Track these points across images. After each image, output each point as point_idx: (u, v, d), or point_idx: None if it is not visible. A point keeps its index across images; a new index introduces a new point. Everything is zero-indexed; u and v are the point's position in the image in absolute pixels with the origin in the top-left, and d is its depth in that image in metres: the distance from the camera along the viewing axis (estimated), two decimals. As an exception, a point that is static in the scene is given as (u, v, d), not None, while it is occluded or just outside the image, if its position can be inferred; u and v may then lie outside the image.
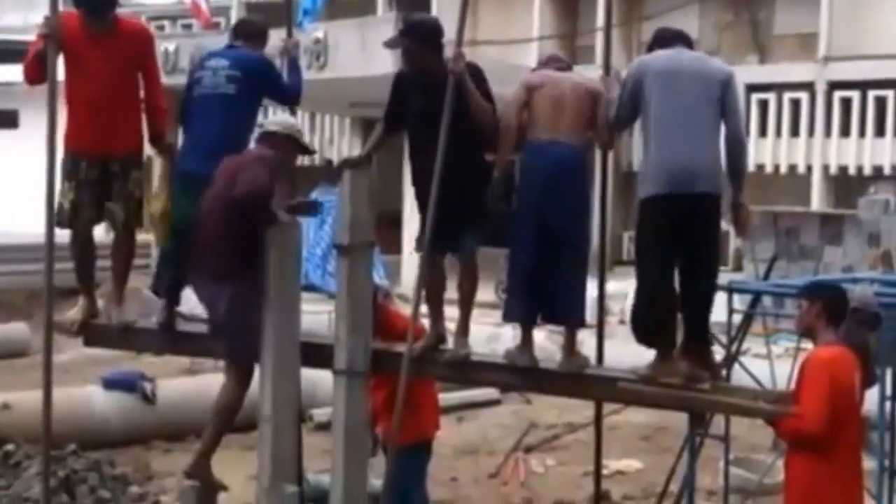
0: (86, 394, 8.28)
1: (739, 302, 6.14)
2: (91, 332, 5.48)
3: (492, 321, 5.42)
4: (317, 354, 5.02)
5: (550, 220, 4.77)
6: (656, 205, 4.65)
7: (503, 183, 4.89)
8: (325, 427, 5.93)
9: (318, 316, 5.49)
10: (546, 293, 4.81)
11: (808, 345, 4.76)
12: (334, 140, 22.88)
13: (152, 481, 7.46)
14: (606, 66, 5.40)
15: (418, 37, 5.00)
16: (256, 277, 4.83)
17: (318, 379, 6.04)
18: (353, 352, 4.85)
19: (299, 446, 5.23)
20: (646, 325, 4.69)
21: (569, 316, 4.87)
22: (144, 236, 5.67)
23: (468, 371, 5.06)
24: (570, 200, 4.81)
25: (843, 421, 4.28)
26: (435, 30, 5.04)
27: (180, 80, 5.99)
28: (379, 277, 15.30)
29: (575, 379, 4.87)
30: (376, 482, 5.96)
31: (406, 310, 5.70)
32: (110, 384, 8.33)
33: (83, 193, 5.20)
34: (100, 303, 5.58)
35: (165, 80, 5.81)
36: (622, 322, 13.41)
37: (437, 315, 5.06)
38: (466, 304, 5.00)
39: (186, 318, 5.46)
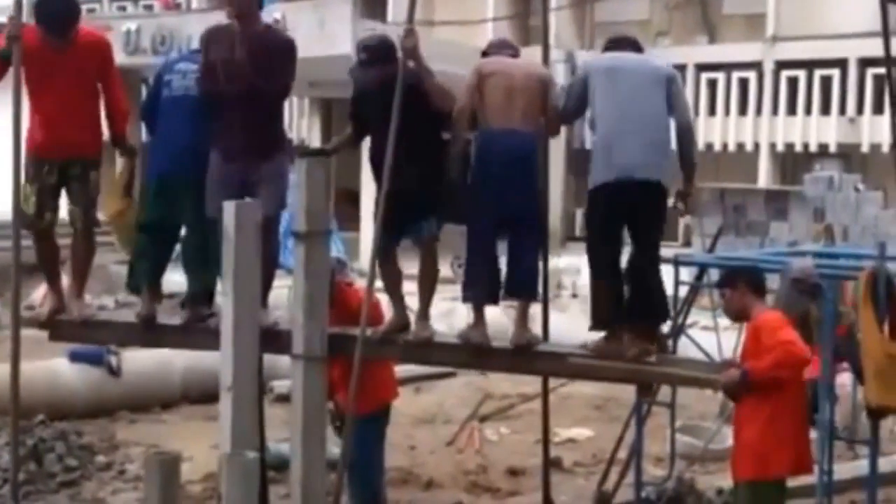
0: (53, 366, 8.31)
1: (687, 276, 6.33)
2: (56, 327, 5.58)
3: (448, 296, 5.53)
4: (274, 340, 5.12)
5: (506, 208, 4.96)
6: (604, 193, 4.87)
7: (458, 162, 5.04)
8: (285, 398, 6.03)
9: (278, 291, 5.65)
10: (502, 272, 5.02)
11: None
12: (294, 120, 22.80)
13: (118, 451, 7.50)
14: (546, 55, 5.62)
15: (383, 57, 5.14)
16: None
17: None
18: (310, 337, 4.94)
19: (261, 415, 5.32)
20: (597, 308, 4.93)
21: (521, 289, 5.05)
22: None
23: (423, 352, 5.19)
24: (525, 187, 4.99)
25: (791, 378, 4.49)
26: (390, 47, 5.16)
27: (141, 60, 6.04)
28: (337, 251, 15.37)
29: (528, 355, 5.04)
30: (335, 449, 6.08)
31: (362, 283, 5.75)
32: (76, 357, 8.35)
33: (45, 196, 5.34)
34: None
35: (127, 60, 5.88)
36: (574, 296, 13.66)
37: (397, 301, 5.18)
38: (427, 288, 5.11)
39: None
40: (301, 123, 22.77)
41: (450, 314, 8.68)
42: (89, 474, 6.99)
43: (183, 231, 5.43)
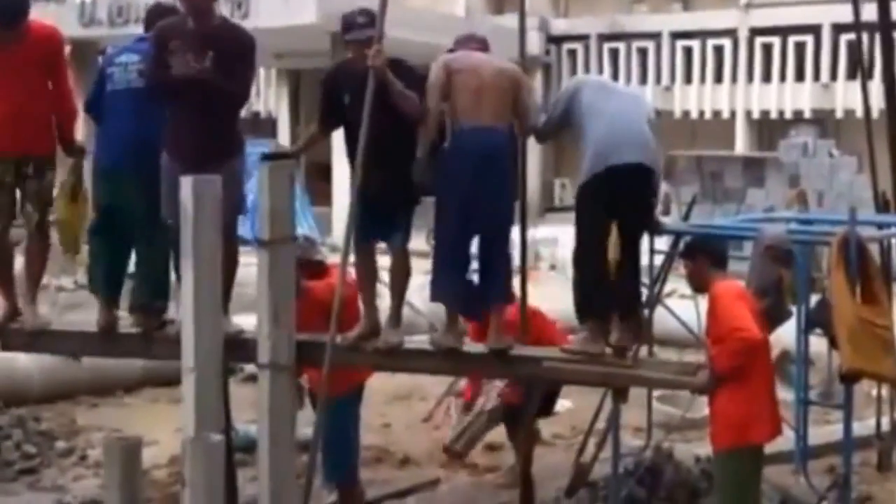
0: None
1: (664, 244, 6.23)
2: (8, 336, 5.42)
3: (422, 269, 5.49)
4: (240, 349, 5.01)
5: (477, 208, 4.86)
6: (598, 181, 4.80)
7: (426, 163, 4.92)
8: (254, 378, 5.91)
9: (247, 268, 5.51)
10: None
11: None
12: (261, 93, 22.51)
13: (79, 436, 7.37)
14: (522, 23, 5.56)
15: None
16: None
17: (246, 325, 6.00)
18: (277, 345, 4.82)
19: (226, 396, 5.21)
20: (584, 306, 4.91)
21: (495, 296, 4.98)
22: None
23: (396, 359, 5.13)
24: (496, 187, 4.90)
25: (759, 346, 4.44)
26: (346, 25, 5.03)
27: (97, 31, 5.84)
28: (309, 227, 15.18)
29: (503, 359, 5.02)
30: (306, 430, 5.98)
31: (334, 259, 5.66)
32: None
33: None
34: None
35: (82, 32, 5.71)
36: (553, 267, 13.58)
37: (369, 304, 5.09)
38: (398, 293, 5.04)
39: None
40: (268, 94, 22.48)
41: (425, 288, 8.55)
42: (49, 461, 6.86)
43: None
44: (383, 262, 5.16)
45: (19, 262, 5.44)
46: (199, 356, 4.73)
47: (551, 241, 13.74)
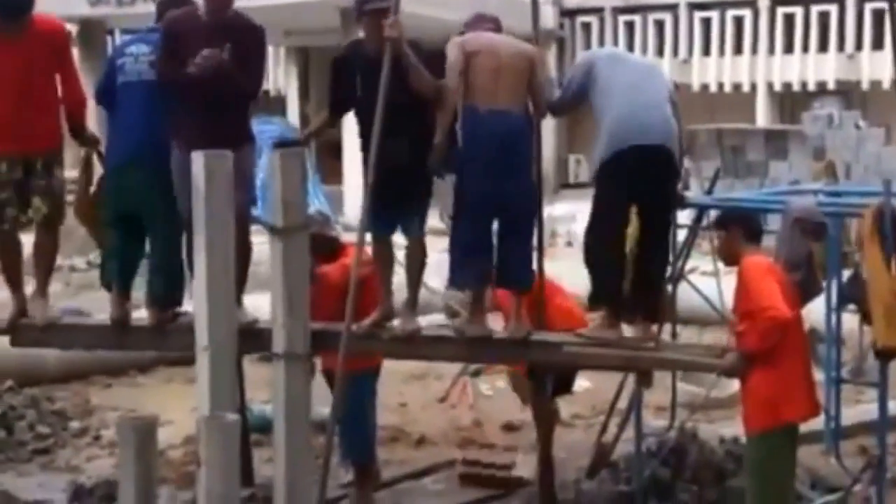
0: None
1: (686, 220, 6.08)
2: (18, 332, 5.35)
3: (437, 248, 5.43)
4: (254, 339, 4.94)
5: (498, 193, 4.79)
6: (617, 162, 4.69)
7: (444, 149, 4.81)
8: (268, 358, 5.83)
9: (260, 247, 5.43)
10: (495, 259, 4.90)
11: None
12: (270, 71, 22.34)
13: (93, 416, 7.31)
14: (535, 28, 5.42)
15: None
16: None
17: (259, 305, 5.92)
18: (292, 334, 4.75)
19: (240, 375, 5.13)
20: (597, 286, 4.82)
21: (516, 282, 4.92)
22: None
23: (414, 346, 5.06)
24: (517, 170, 4.83)
25: (789, 324, 4.28)
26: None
27: (105, 10, 5.73)
28: (319, 204, 15.09)
29: (521, 346, 4.94)
30: (322, 409, 5.89)
31: (348, 238, 5.68)
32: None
33: (5, 193, 5.08)
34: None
35: (91, 11, 5.59)
36: (569, 244, 13.43)
37: (385, 290, 5.02)
38: (414, 280, 4.97)
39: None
40: (278, 72, 22.28)
41: (441, 266, 8.44)
42: (63, 441, 6.81)
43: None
44: (398, 239, 5.08)
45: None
46: (213, 334, 4.66)
47: (568, 217, 13.60)
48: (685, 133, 5.07)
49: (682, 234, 5.86)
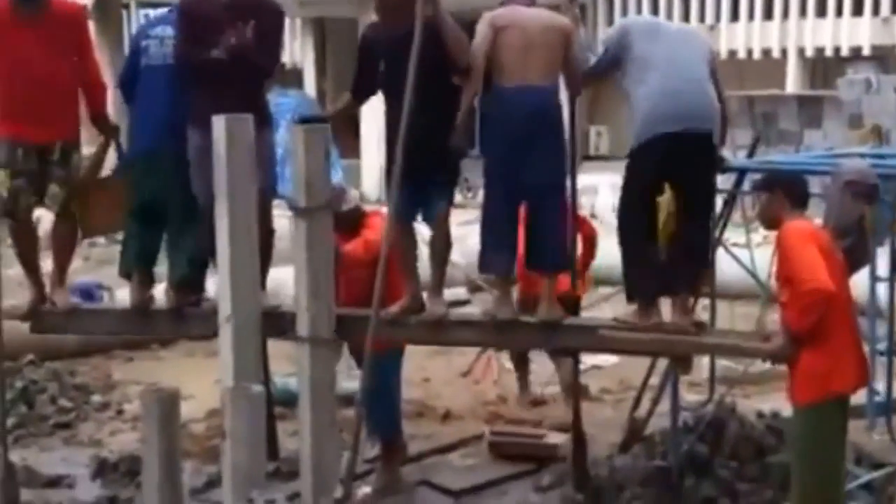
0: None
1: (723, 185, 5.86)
2: (39, 318, 5.30)
3: (458, 221, 5.38)
4: (277, 322, 4.83)
5: (527, 173, 4.68)
6: (656, 147, 4.55)
7: (467, 127, 4.71)
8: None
9: (279, 220, 5.32)
10: (526, 240, 4.84)
11: None
12: (286, 43, 22.05)
13: (115, 390, 7.25)
14: None
15: None
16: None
17: (282, 279, 5.78)
18: (316, 318, 4.61)
19: (264, 346, 5.01)
20: (631, 278, 4.72)
21: (548, 264, 4.85)
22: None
23: (443, 331, 4.95)
24: (546, 149, 4.71)
25: (832, 295, 4.04)
26: None
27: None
28: (336, 177, 15.02)
29: (555, 330, 4.85)
30: (347, 384, 5.77)
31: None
32: (66, 294, 8.03)
33: (21, 181, 4.99)
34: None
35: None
36: (593, 216, 13.19)
37: (411, 279, 4.91)
38: (440, 262, 4.89)
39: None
40: (294, 45, 21.96)
41: (463, 240, 8.27)
42: (85, 415, 6.76)
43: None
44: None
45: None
46: (236, 304, 4.57)
47: (590, 189, 13.42)
48: (726, 102, 4.87)
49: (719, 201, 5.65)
